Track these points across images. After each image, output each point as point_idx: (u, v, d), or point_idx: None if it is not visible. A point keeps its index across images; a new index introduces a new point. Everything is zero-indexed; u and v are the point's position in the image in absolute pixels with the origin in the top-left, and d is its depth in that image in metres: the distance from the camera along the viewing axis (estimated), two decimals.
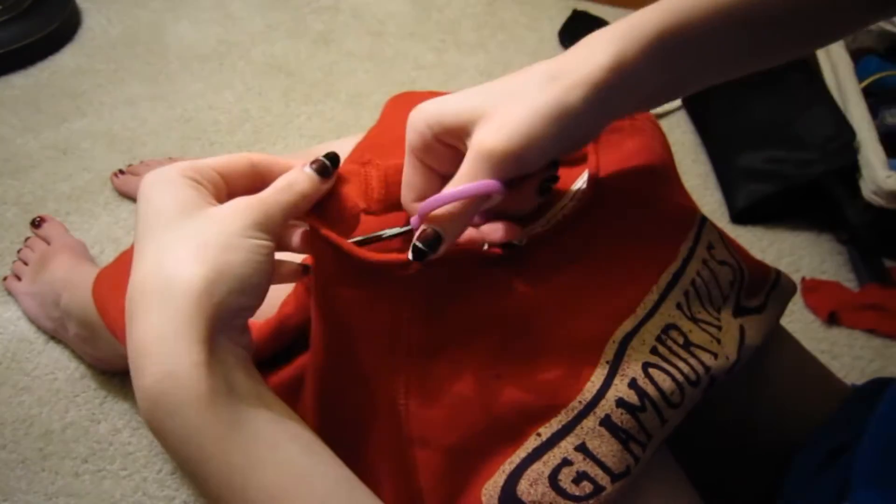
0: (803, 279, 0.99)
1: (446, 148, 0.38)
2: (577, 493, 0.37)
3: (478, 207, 0.36)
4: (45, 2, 1.18)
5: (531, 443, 0.38)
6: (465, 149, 0.36)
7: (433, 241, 0.36)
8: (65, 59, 1.17)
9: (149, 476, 0.72)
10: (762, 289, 0.51)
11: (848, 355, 0.92)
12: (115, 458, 0.73)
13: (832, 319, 0.95)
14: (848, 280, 1.00)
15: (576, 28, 1.36)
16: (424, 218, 0.36)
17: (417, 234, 0.36)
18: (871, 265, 1.00)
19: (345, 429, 0.41)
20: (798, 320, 0.95)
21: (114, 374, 0.78)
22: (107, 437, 0.74)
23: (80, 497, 0.70)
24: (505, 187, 0.36)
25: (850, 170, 1.00)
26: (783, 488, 0.47)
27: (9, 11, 1.13)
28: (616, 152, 0.47)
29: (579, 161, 0.48)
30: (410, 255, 0.36)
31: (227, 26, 1.27)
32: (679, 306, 0.43)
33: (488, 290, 0.39)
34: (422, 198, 0.38)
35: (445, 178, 0.38)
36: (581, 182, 0.46)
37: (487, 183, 0.35)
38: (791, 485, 0.47)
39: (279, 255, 0.37)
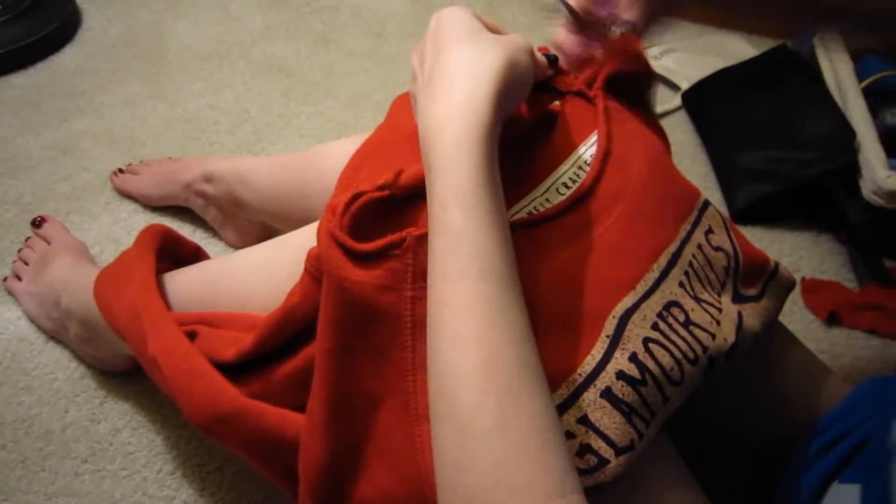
0: (803, 279, 0.99)
1: None
2: (580, 467, 0.37)
3: None
4: (45, 2, 1.18)
5: None
6: None
7: None
8: (65, 59, 1.17)
9: (149, 476, 0.72)
10: (759, 278, 0.51)
11: (848, 355, 0.92)
12: (115, 458, 0.73)
13: (832, 319, 0.95)
14: (848, 280, 1.00)
15: None
16: None
17: None
18: (871, 265, 1.00)
19: (355, 413, 0.41)
20: (798, 320, 0.95)
21: (114, 374, 0.78)
22: (107, 437, 0.74)
23: (80, 497, 0.70)
24: None
25: (850, 170, 1.00)
26: (782, 475, 0.48)
27: (9, 11, 1.13)
28: (620, 130, 0.47)
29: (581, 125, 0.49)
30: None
31: (227, 26, 1.27)
32: (682, 285, 0.44)
33: None
34: None
35: None
36: (586, 149, 0.46)
37: None
38: (789, 472, 0.47)
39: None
